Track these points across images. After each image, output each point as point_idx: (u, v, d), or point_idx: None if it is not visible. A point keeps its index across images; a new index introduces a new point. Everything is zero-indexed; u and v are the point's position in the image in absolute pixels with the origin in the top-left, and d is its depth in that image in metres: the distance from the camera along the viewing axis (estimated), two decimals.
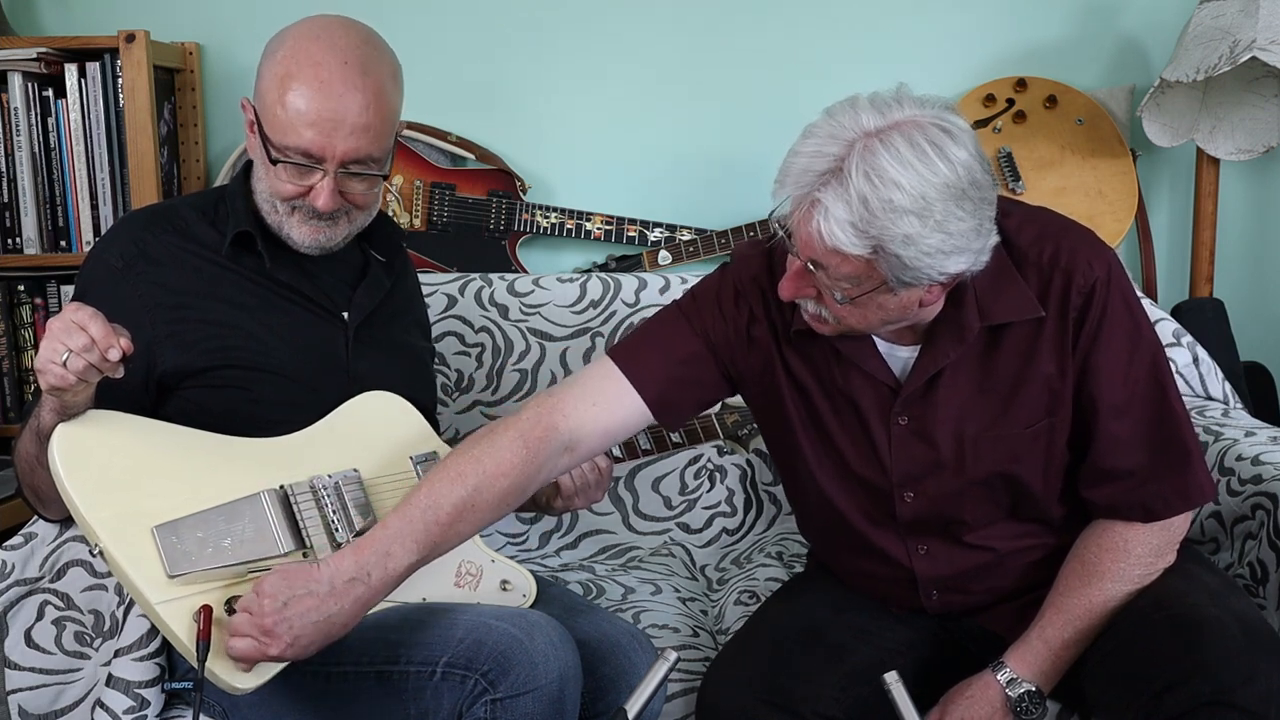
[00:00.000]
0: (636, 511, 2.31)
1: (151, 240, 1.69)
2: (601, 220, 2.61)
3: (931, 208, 1.37)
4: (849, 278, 1.44)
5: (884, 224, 1.37)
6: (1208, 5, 2.38)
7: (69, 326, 1.43)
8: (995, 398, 1.57)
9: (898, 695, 1.40)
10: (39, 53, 2.43)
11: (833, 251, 1.41)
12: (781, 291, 1.52)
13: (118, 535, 1.47)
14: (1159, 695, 1.42)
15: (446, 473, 1.54)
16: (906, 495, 1.61)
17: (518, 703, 1.47)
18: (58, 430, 1.50)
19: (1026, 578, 1.65)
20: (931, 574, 1.65)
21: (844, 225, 1.38)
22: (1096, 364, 1.54)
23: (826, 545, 1.78)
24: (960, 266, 1.43)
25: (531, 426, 1.58)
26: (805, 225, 1.42)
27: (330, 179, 1.64)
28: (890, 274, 1.42)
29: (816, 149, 1.41)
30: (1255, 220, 2.69)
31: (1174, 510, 1.57)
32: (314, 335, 1.74)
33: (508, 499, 1.56)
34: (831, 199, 1.38)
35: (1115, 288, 1.54)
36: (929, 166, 1.37)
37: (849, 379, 1.60)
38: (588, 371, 1.67)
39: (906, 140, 1.38)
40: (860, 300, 1.46)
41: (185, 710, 1.68)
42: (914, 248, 1.38)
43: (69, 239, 2.51)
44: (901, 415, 1.59)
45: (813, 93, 2.62)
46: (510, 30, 2.64)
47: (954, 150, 1.38)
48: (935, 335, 1.55)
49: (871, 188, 1.36)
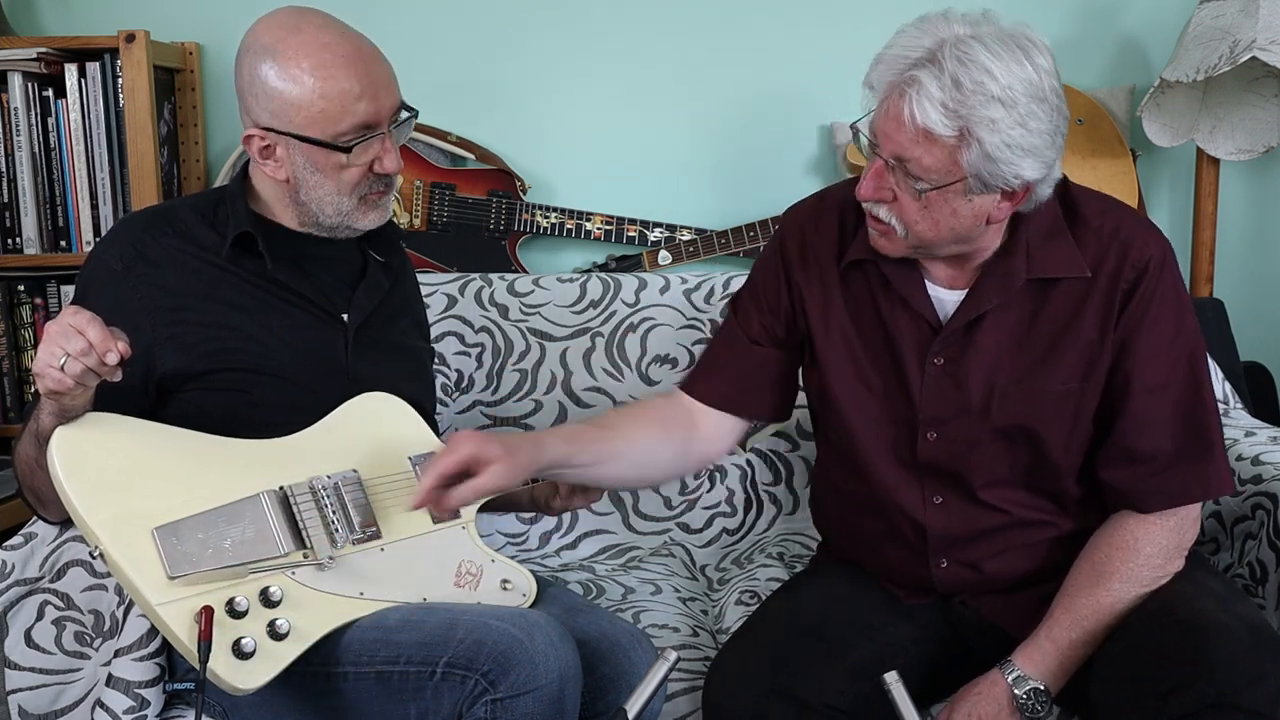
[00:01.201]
0: (636, 511, 2.31)
1: (151, 242, 1.69)
2: (601, 220, 2.62)
3: (1017, 100, 1.45)
4: (930, 171, 1.49)
5: (973, 105, 1.44)
6: (1208, 5, 2.38)
7: (67, 330, 1.43)
8: (1033, 352, 1.60)
9: (897, 695, 1.40)
10: (39, 53, 2.43)
11: (921, 135, 1.47)
12: (860, 192, 1.56)
13: (118, 537, 1.48)
14: (1164, 697, 1.42)
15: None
16: (930, 434, 1.64)
17: (518, 703, 1.47)
18: (57, 433, 1.50)
19: (1034, 567, 1.66)
20: (943, 530, 1.66)
21: (935, 103, 1.45)
22: (1138, 342, 1.57)
23: (845, 504, 1.78)
24: (1033, 172, 1.49)
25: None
26: (894, 110, 1.48)
27: (389, 138, 1.68)
28: (970, 166, 1.47)
29: (911, 41, 1.49)
30: (1255, 220, 2.69)
31: (1190, 498, 1.58)
32: (314, 337, 1.74)
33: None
34: (926, 77, 1.45)
35: (1169, 273, 1.59)
36: (1018, 63, 1.46)
37: (894, 315, 1.65)
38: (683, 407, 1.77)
39: (998, 40, 1.47)
40: (936, 201, 1.51)
41: (185, 710, 1.68)
42: (998, 136, 1.45)
43: (69, 239, 2.51)
44: (938, 355, 1.62)
45: (813, 93, 2.65)
46: (510, 30, 2.64)
47: (1038, 58, 1.48)
48: (982, 280, 1.61)
49: (965, 70, 1.44)
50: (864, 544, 1.75)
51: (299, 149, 1.66)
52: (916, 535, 1.68)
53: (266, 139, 1.67)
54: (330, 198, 1.69)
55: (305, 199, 1.70)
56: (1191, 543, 1.61)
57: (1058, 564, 1.64)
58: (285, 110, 1.64)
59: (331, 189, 1.69)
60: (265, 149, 1.68)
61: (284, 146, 1.67)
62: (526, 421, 2.31)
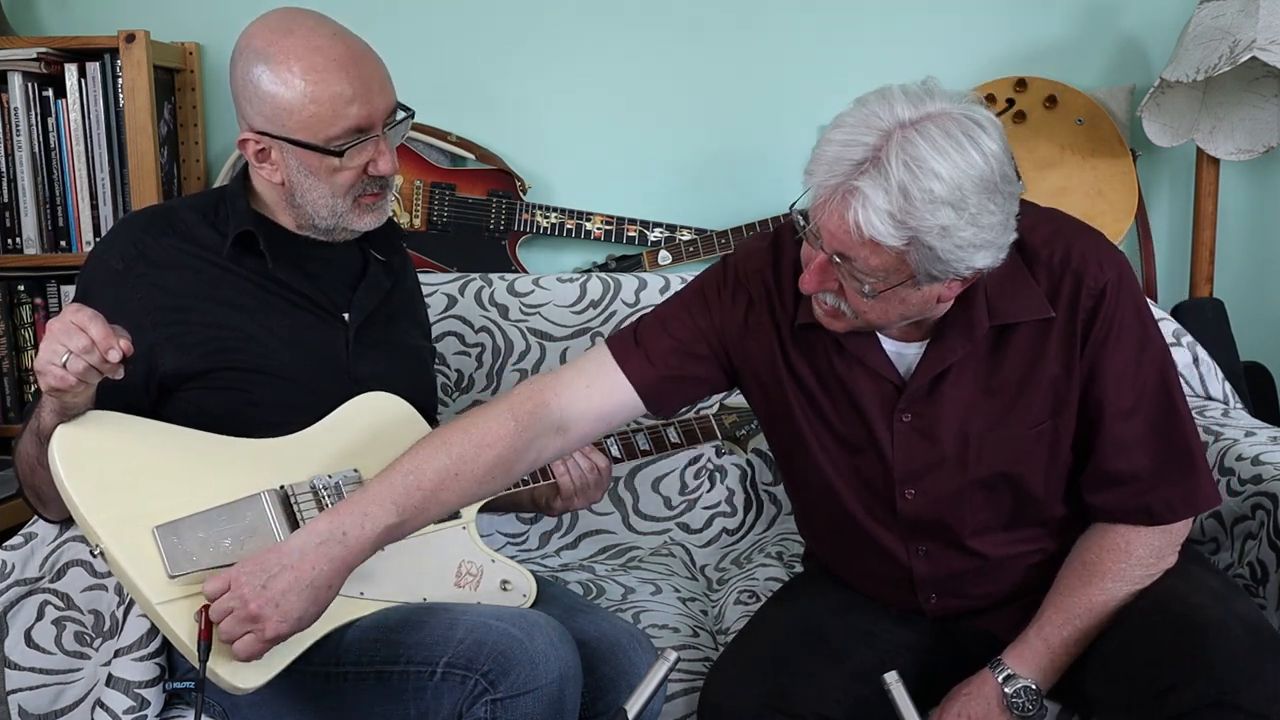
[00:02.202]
0: (636, 511, 2.31)
1: (151, 242, 1.69)
2: (601, 220, 2.61)
3: (967, 200, 1.37)
4: (877, 271, 1.42)
5: (922, 215, 1.36)
6: (1208, 5, 2.38)
7: (69, 328, 1.43)
8: (1000, 398, 1.56)
9: (897, 695, 1.40)
10: (39, 53, 2.43)
11: (866, 242, 1.39)
12: (803, 285, 1.50)
13: (118, 536, 1.48)
14: (1162, 695, 1.42)
15: (432, 441, 1.55)
16: (908, 492, 1.61)
17: (518, 703, 1.47)
18: (58, 432, 1.50)
19: (1025, 582, 1.65)
20: (930, 576, 1.65)
21: (883, 215, 1.37)
22: (1104, 367, 1.53)
23: (827, 543, 1.78)
24: (986, 261, 1.43)
25: (521, 401, 1.58)
26: (837, 216, 1.40)
27: (383, 141, 1.67)
28: (919, 267, 1.41)
29: (850, 138, 1.39)
30: (1255, 220, 2.69)
31: (1178, 516, 1.57)
32: (314, 337, 1.74)
33: (494, 472, 1.56)
34: (871, 188, 1.37)
35: (1126, 292, 1.53)
36: (965, 158, 1.37)
37: (853, 375, 1.59)
38: (584, 357, 1.67)
39: (942, 131, 1.37)
40: (885, 295, 1.45)
41: (185, 710, 1.68)
42: (948, 240, 1.38)
43: (69, 239, 2.51)
44: (905, 413, 1.58)
45: (812, 93, 2.65)
46: (511, 30, 2.64)
47: (986, 143, 1.38)
48: (943, 333, 1.55)
49: (912, 177, 1.35)
50: (852, 575, 1.75)
51: (292, 153, 1.66)
52: (904, 576, 1.67)
53: (261, 142, 1.67)
54: (325, 200, 1.69)
55: (300, 202, 1.70)
56: (1184, 538, 1.60)
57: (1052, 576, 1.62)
58: (278, 114, 1.64)
59: (325, 192, 1.68)
60: (260, 152, 1.68)
61: (278, 150, 1.67)
62: None
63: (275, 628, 1.43)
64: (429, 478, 1.51)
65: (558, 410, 1.59)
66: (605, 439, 1.89)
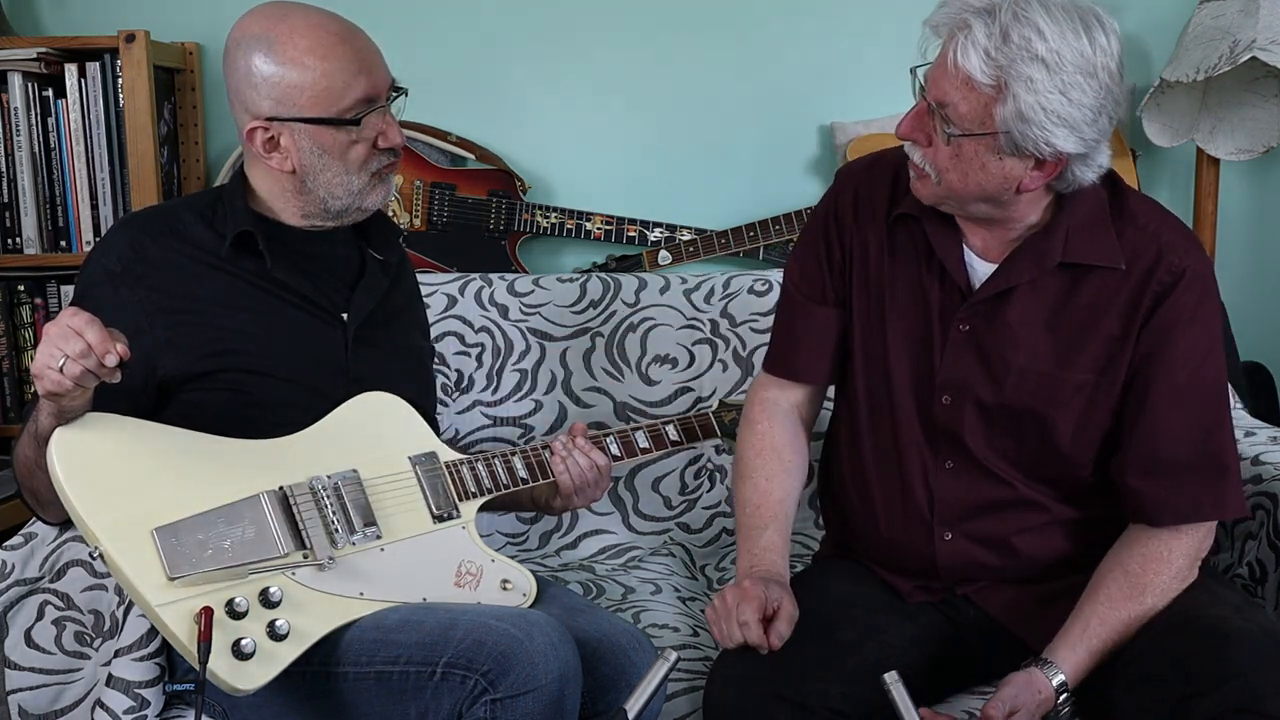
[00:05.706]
0: (636, 511, 2.31)
1: (149, 244, 1.69)
2: (601, 220, 2.62)
3: (1063, 67, 1.45)
4: (965, 118, 1.50)
5: (1015, 59, 1.44)
6: (1208, 5, 2.38)
7: (65, 332, 1.43)
8: (1056, 337, 1.61)
9: (897, 695, 1.40)
10: (39, 53, 2.43)
11: (960, 80, 1.48)
12: (899, 128, 1.58)
13: (117, 538, 1.48)
14: (1186, 701, 1.42)
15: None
16: (944, 398, 1.65)
17: (518, 703, 1.47)
18: (56, 434, 1.50)
19: (1029, 557, 1.65)
20: (950, 497, 1.66)
21: (979, 50, 1.46)
22: (1170, 348, 1.57)
23: (856, 469, 1.76)
24: (1066, 144, 1.48)
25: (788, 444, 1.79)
26: (944, 53, 1.50)
27: (388, 112, 1.70)
28: (1003, 122, 1.47)
29: None
30: (1255, 220, 2.69)
31: (1203, 516, 1.58)
32: (313, 337, 1.74)
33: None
34: (977, 24, 1.46)
35: (1208, 289, 1.60)
36: (1075, 35, 1.45)
37: (928, 274, 1.66)
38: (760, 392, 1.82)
39: (1062, 8, 1.46)
40: (966, 151, 1.51)
41: (185, 710, 1.68)
42: (1034, 96, 1.45)
43: (69, 239, 2.51)
44: (964, 322, 1.63)
45: (813, 93, 2.65)
46: (510, 30, 2.64)
47: (1102, 37, 1.47)
48: (1016, 255, 1.61)
49: (1016, 25, 1.45)
50: (869, 520, 1.74)
51: (305, 133, 1.66)
52: (926, 499, 1.67)
53: (270, 129, 1.67)
54: (340, 179, 1.70)
55: (313, 186, 1.70)
56: (1206, 552, 1.62)
57: (1057, 558, 1.64)
58: (288, 94, 1.65)
59: (340, 169, 1.69)
60: (269, 141, 1.68)
61: (289, 134, 1.67)
62: (526, 421, 2.31)
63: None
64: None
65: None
66: (604, 437, 1.89)
